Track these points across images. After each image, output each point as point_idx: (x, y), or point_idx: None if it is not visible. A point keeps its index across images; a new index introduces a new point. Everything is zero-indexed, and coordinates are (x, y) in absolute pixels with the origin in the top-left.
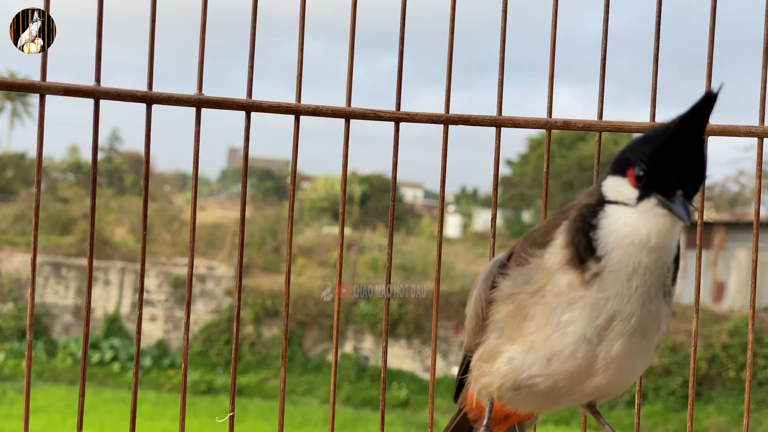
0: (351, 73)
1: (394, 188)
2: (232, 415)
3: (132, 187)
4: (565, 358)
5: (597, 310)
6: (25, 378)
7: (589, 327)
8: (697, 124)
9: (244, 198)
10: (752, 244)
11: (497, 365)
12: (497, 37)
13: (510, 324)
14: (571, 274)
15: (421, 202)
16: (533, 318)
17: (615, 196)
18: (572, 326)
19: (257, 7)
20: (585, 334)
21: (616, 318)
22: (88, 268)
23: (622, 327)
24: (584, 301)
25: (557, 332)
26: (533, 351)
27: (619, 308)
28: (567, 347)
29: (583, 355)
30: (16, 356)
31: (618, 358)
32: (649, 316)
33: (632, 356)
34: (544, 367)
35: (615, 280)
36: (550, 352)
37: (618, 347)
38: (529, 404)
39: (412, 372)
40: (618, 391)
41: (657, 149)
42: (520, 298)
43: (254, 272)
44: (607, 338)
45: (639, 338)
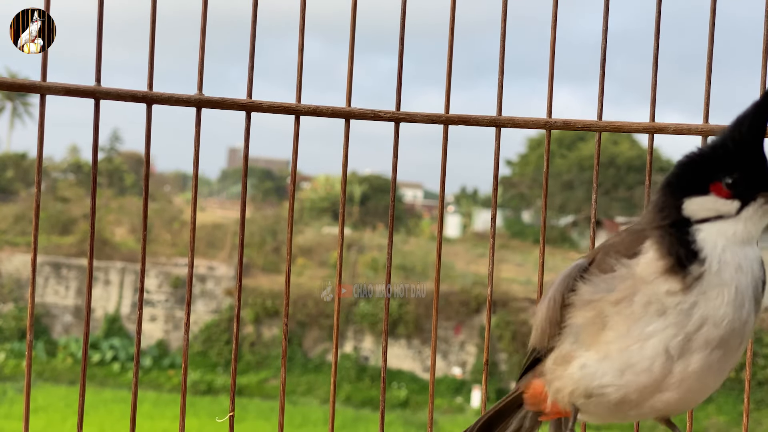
0: (351, 73)
1: (394, 188)
2: (232, 415)
3: (132, 187)
4: (641, 370)
5: (691, 316)
6: (25, 378)
7: (674, 337)
8: (761, 121)
9: (244, 198)
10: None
11: (570, 370)
12: (496, 38)
13: (587, 330)
14: (672, 281)
15: (421, 202)
16: (613, 327)
17: (706, 214)
18: (653, 338)
19: (257, 8)
20: (667, 348)
21: (706, 324)
22: (88, 268)
23: (710, 333)
24: (680, 306)
25: (637, 344)
26: (608, 360)
27: (713, 312)
28: (644, 359)
29: (660, 369)
30: (17, 356)
31: (694, 374)
32: (738, 323)
33: (709, 374)
34: (617, 378)
35: (718, 280)
36: (626, 363)
37: (696, 362)
38: (598, 413)
39: (412, 372)
40: (687, 408)
41: (740, 154)
42: (600, 306)
43: (254, 272)
44: (688, 351)
45: (720, 353)
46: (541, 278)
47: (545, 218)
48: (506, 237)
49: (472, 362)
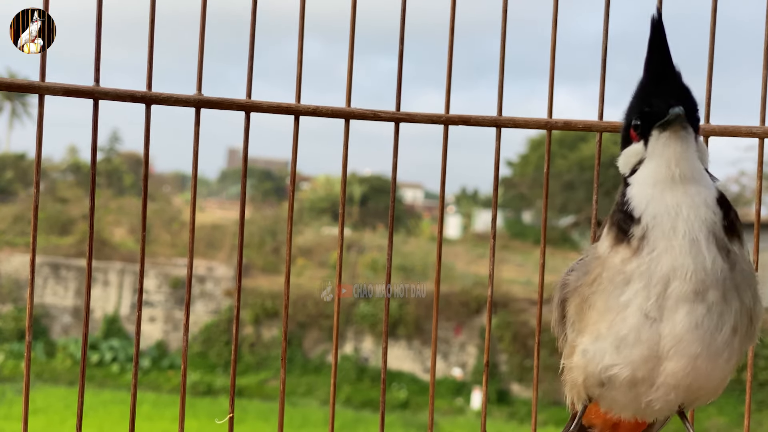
0: (351, 73)
1: (394, 188)
2: (232, 416)
3: (131, 187)
4: (632, 342)
5: (652, 276)
6: (24, 379)
7: (647, 300)
8: (658, 51)
9: (243, 198)
10: (753, 245)
11: (575, 360)
12: (495, 39)
13: (578, 316)
14: (622, 250)
15: (421, 203)
16: (594, 306)
17: (630, 164)
18: (630, 306)
19: (257, 8)
20: (645, 312)
21: (674, 279)
22: (87, 268)
23: (680, 289)
24: (639, 270)
25: (618, 316)
26: (601, 339)
27: (673, 265)
28: (630, 330)
29: (648, 336)
30: (16, 357)
31: (685, 334)
32: (704, 272)
33: (703, 334)
34: (615, 355)
35: (661, 233)
36: (616, 338)
37: (681, 320)
38: (619, 402)
39: (412, 373)
40: (703, 383)
41: (637, 93)
42: (582, 290)
43: (254, 273)
44: (668, 310)
45: (703, 308)
46: (541, 279)
47: (546, 219)
48: (507, 237)
49: (473, 363)
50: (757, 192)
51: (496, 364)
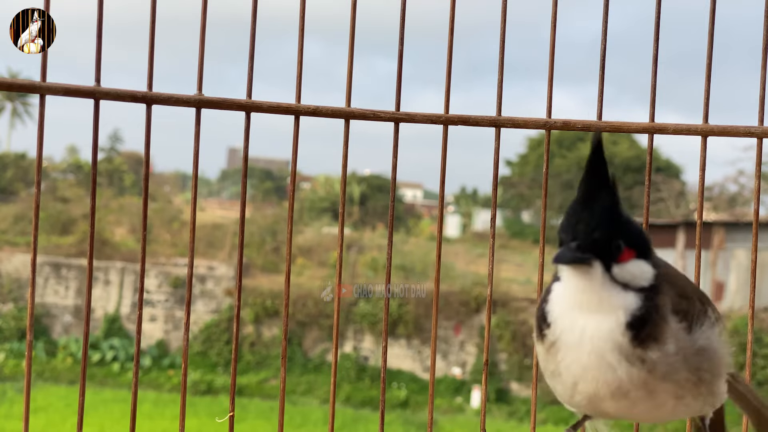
0: (351, 73)
1: (394, 188)
2: (232, 415)
3: (132, 187)
4: (570, 390)
5: (566, 379)
6: (25, 378)
7: (569, 391)
8: (591, 177)
9: (244, 198)
10: (751, 244)
11: (547, 380)
12: (492, 40)
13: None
14: (540, 343)
15: (420, 202)
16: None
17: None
18: (558, 379)
19: (257, 9)
20: (571, 395)
21: (579, 381)
22: (88, 268)
23: (588, 390)
24: (554, 368)
25: (554, 377)
26: (556, 383)
27: (577, 374)
28: (564, 387)
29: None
30: (16, 356)
31: (623, 412)
32: (617, 382)
33: (639, 412)
34: (574, 393)
35: (568, 346)
36: (568, 386)
37: (610, 407)
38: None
39: (412, 372)
40: (661, 420)
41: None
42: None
43: (254, 272)
44: (593, 401)
45: (629, 404)
46: (540, 278)
47: (545, 218)
48: (506, 237)
49: (472, 362)
50: (756, 191)
51: (495, 363)
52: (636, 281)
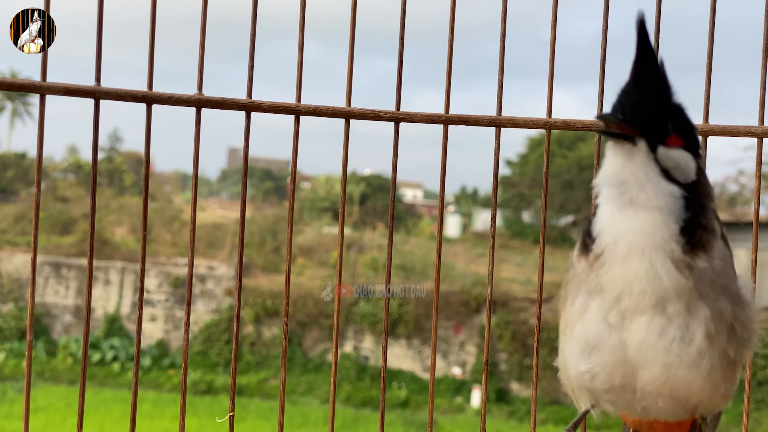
0: (351, 72)
1: (394, 188)
2: (232, 415)
3: (132, 187)
4: (597, 347)
5: (608, 291)
6: (25, 378)
7: (605, 309)
8: (638, 59)
9: (244, 198)
10: (752, 244)
11: (559, 359)
12: (490, 41)
13: (558, 317)
14: (584, 260)
15: (421, 202)
16: (565, 308)
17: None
18: (590, 312)
19: (257, 9)
20: (605, 318)
21: (626, 295)
22: (88, 268)
23: (634, 303)
24: (596, 282)
25: (580, 320)
26: (571, 341)
27: (625, 283)
28: (592, 333)
29: (611, 343)
30: (17, 356)
31: (648, 342)
32: (662, 290)
33: (667, 343)
34: (586, 359)
35: (615, 254)
36: (583, 341)
37: (642, 328)
38: (618, 407)
39: (412, 372)
40: (688, 392)
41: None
42: (561, 291)
43: (254, 272)
44: (627, 320)
45: (664, 320)
46: (541, 278)
47: (545, 218)
48: (506, 237)
49: (472, 362)
50: (756, 191)
51: (495, 363)
52: (680, 172)
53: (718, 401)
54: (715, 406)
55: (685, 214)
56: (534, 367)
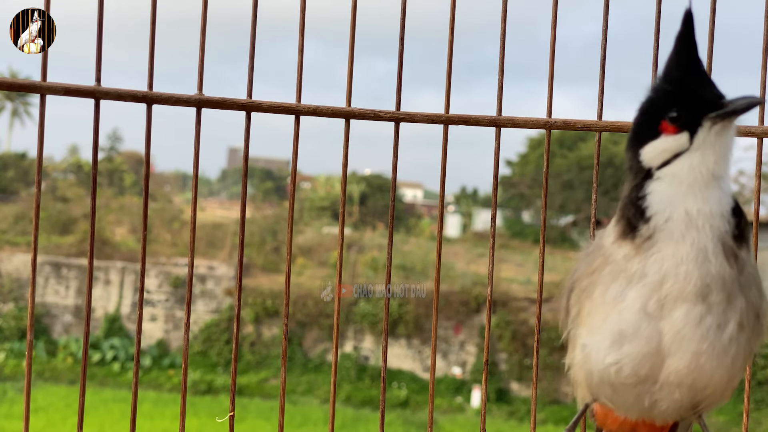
0: (351, 73)
1: (394, 188)
2: (233, 414)
3: (132, 187)
4: (631, 337)
5: (654, 277)
6: (25, 378)
7: (647, 298)
8: (689, 45)
9: (244, 198)
10: (752, 244)
11: (575, 354)
12: (487, 42)
13: (577, 308)
14: (626, 246)
15: (421, 202)
16: (591, 297)
17: (662, 157)
18: (628, 300)
19: (257, 9)
20: (644, 307)
21: (675, 282)
22: (88, 268)
23: (680, 290)
24: (640, 268)
25: (614, 309)
26: (597, 333)
27: (676, 269)
28: (628, 324)
29: (647, 332)
30: (17, 356)
31: (687, 330)
32: (709, 278)
33: (704, 330)
34: (615, 350)
35: (669, 237)
36: (614, 331)
37: (679, 318)
38: (624, 402)
39: (412, 372)
40: (707, 382)
41: (677, 87)
42: (582, 282)
43: (254, 272)
44: (667, 308)
45: (703, 309)
46: (541, 278)
47: (545, 218)
48: (506, 237)
49: (472, 362)
50: (756, 191)
51: (495, 363)
52: (727, 156)
53: (727, 395)
54: (721, 401)
55: (735, 203)
56: (534, 367)
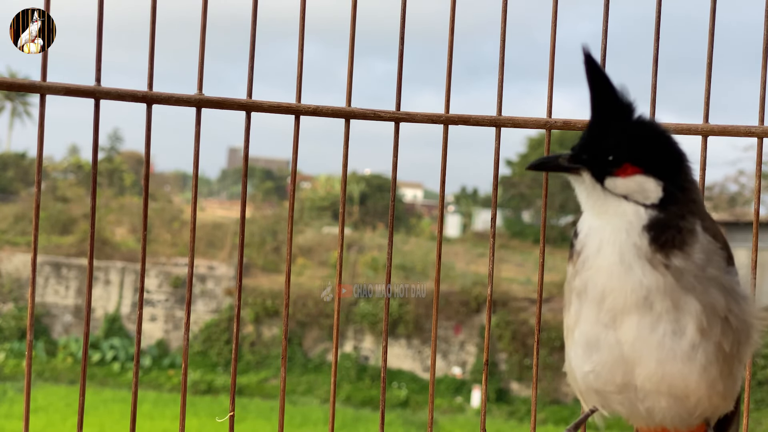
0: (351, 73)
1: (394, 188)
2: (232, 414)
3: (132, 187)
4: (595, 347)
5: (592, 292)
6: (25, 378)
7: (595, 311)
8: (590, 94)
9: (244, 198)
10: (752, 244)
11: (566, 366)
12: (485, 42)
13: (564, 323)
14: (571, 265)
15: (421, 202)
16: (568, 313)
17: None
18: (583, 315)
19: (257, 9)
20: (598, 320)
21: (609, 295)
22: (88, 268)
23: (619, 303)
24: (582, 285)
25: (577, 324)
26: (574, 346)
27: (602, 284)
28: (590, 334)
29: (606, 341)
30: (17, 356)
31: (641, 339)
32: (643, 289)
33: (660, 338)
34: (588, 360)
35: (592, 254)
36: (584, 343)
37: (633, 326)
38: (623, 411)
39: (412, 372)
40: (685, 389)
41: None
42: (563, 299)
43: (254, 272)
44: (618, 319)
45: (654, 318)
46: (541, 278)
47: (545, 218)
48: (506, 237)
49: (472, 362)
50: (756, 191)
51: (495, 363)
52: (636, 196)
53: (718, 401)
54: (717, 407)
55: (655, 218)
56: (534, 367)
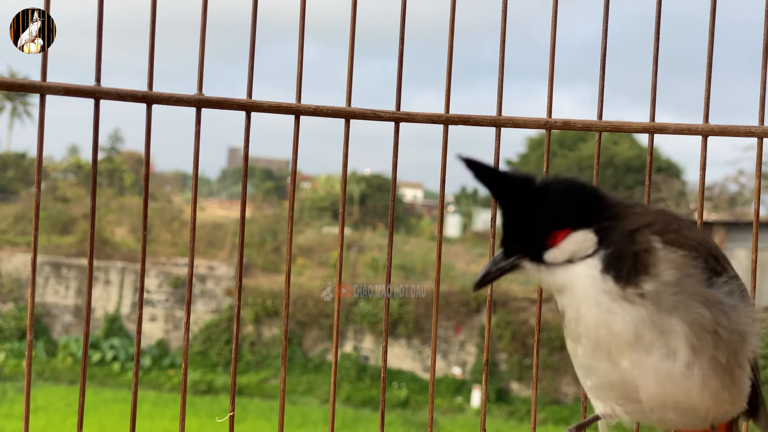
0: (351, 72)
1: (394, 188)
2: (232, 414)
3: (132, 187)
4: (593, 372)
5: (580, 338)
6: (25, 378)
7: (590, 351)
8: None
9: (244, 198)
10: (752, 244)
11: (576, 370)
12: (485, 43)
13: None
14: (558, 313)
15: (421, 202)
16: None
17: None
18: (579, 351)
19: (257, 8)
20: (593, 356)
21: (602, 340)
22: (88, 268)
23: (613, 348)
24: (574, 334)
25: (574, 351)
26: (575, 364)
27: (588, 327)
28: (588, 364)
29: (605, 369)
30: (17, 356)
31: (639, 370)
32: (620, 324)
33: (655, 365)
34: (588, 379)
35: (574, 320)
36: (584, 367)
37: (629, 363)
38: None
39: (412, 372)
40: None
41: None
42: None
43: (254, 272)
44: (613, 356)
45: (645, 349)
46: None
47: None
48: None
49: (472, 362)
50: (756, 191)
51: (495, 363)
52: (578, 254)
53: (726, 407)
54: (726, 413)
55: (607, 262)
56: (534, 367)
